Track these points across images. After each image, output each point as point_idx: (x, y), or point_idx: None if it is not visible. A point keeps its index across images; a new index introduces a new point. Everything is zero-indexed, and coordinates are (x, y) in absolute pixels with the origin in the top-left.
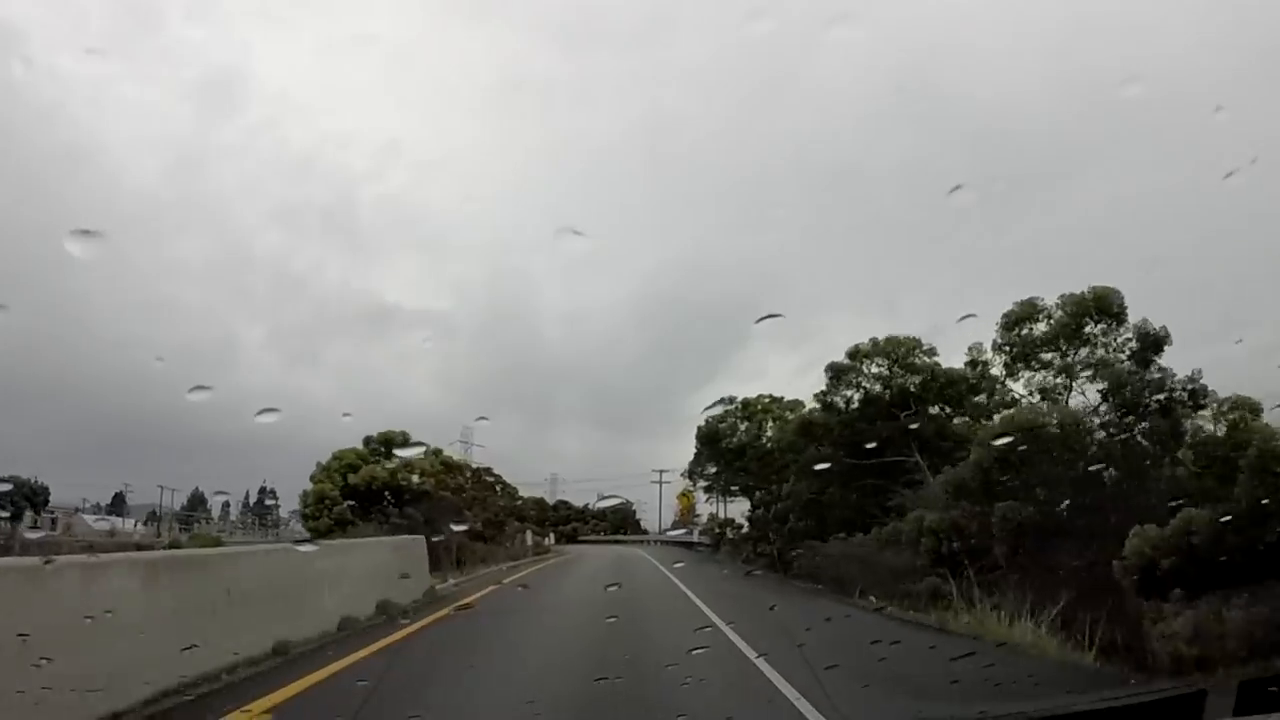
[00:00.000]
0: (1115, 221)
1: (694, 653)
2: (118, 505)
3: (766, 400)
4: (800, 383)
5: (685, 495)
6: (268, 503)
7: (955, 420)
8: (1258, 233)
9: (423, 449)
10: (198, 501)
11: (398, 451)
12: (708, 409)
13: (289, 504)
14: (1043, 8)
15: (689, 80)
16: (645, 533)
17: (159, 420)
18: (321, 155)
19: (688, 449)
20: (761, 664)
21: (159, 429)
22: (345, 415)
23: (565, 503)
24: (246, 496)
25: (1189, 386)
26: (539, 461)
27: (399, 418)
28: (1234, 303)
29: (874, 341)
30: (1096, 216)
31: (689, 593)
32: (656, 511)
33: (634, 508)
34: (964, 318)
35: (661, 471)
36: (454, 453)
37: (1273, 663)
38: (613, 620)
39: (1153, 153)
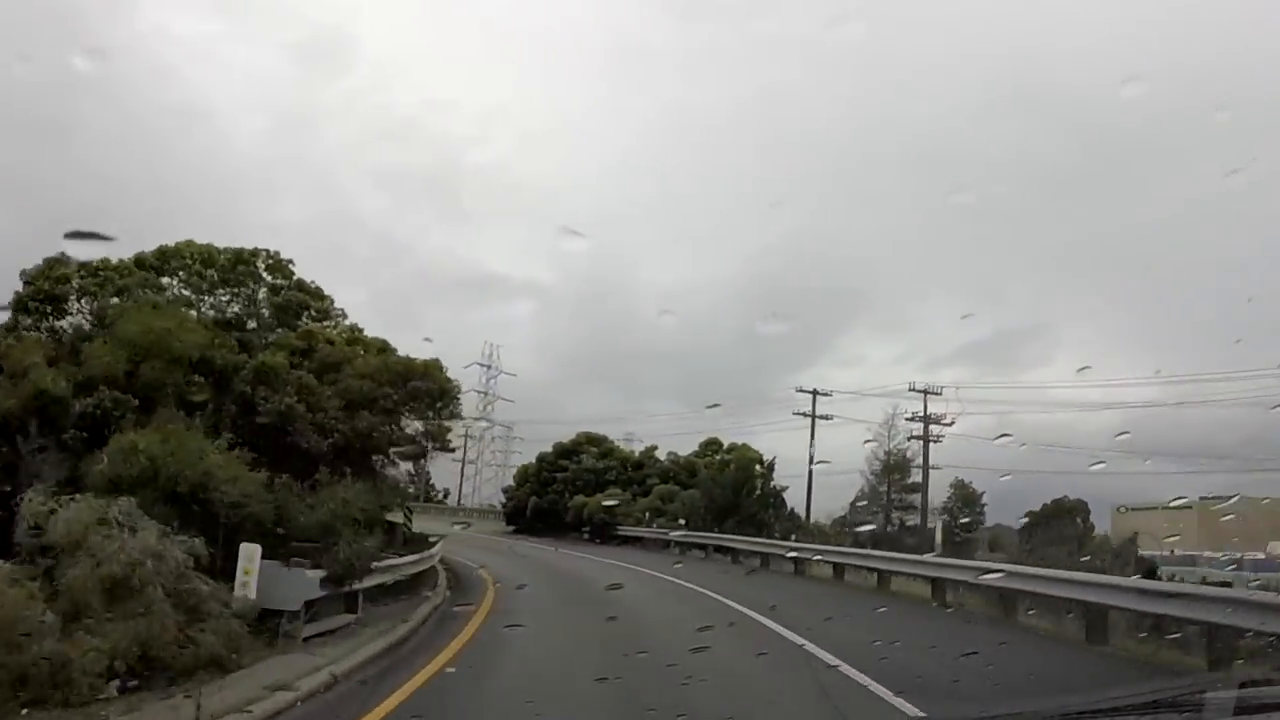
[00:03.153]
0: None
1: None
2: None
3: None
4: (899, 370)
5: None
6: None
7: None
8: None
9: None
10: None
11: None
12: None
13: None
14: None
15: (802, 57)
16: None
17: None
18: (425, 120)
19: (780, 433)
20: None
21: None
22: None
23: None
24: None
25: None
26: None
27: (508, 406)
28: None
29: None
30: (1203, 211)
31: None
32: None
33: None
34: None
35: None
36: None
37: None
38: None
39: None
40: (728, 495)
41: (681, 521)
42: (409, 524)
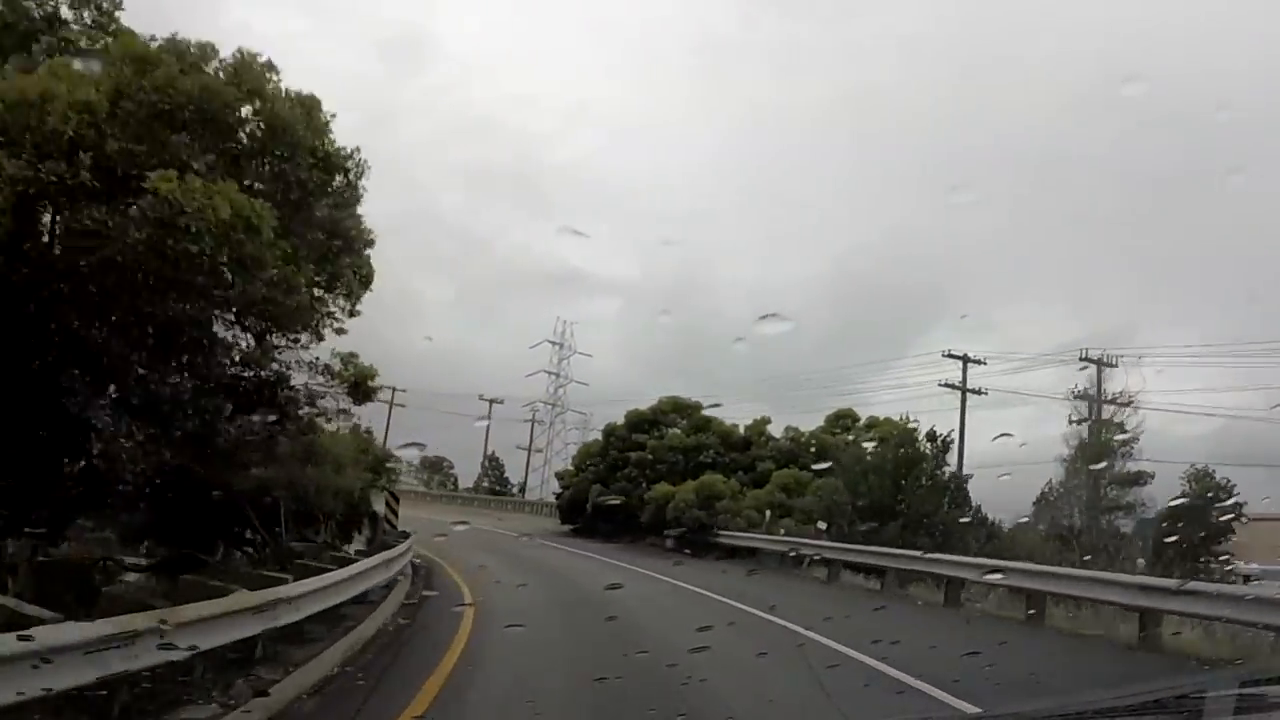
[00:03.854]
0: None
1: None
2: None
3: None
4: (985, 375)
5: None
6: None
7: None
8: None
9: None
10: None
11: None
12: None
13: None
14: None
15: (893, 56)
16: None
17: None
18: (506, 117)
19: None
20: None
21: None
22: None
23: None
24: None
25: None
26: None
27: (582, 391)
28: None
29: None
30: None
31: None
32: None
33: None
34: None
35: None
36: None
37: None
38: None
39: None
40: (885, 486)
41: (821, 525)
42: (394, 516)
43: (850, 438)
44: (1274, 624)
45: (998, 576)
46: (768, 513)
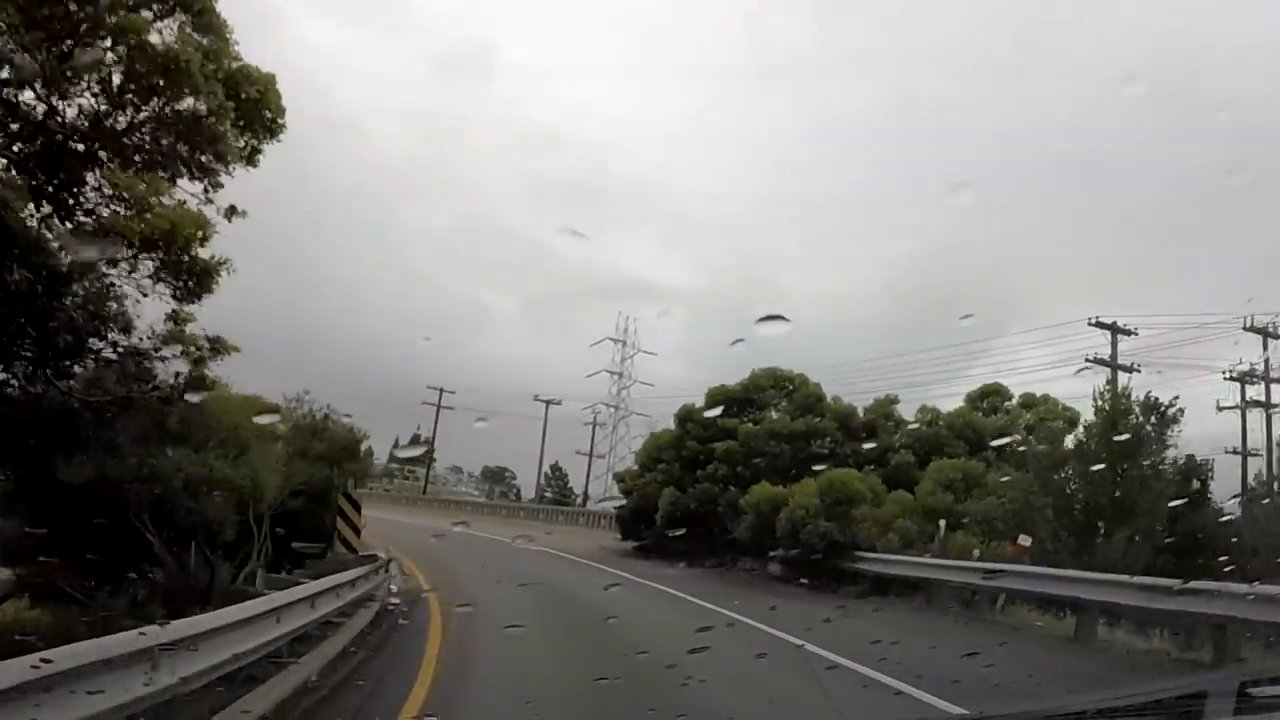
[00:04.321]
0: None
1: None
2: None
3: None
4: (1051, 377)
5: None
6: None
7: None
8: None
9: None
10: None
11: None
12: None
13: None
14: None
15: (940, 62)
16: None
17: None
18: (569, 128)
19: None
20: None
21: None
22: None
23: None
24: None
25: None
26: None
27: (646, 394)
28: None
29: None
30: None
31: None
32: None
33: None
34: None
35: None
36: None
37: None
38: None
39: None
40: (1104, 485)
41: (1024, 540)
42: (351, 531)
43: (1006, 419)
44: None
45: None
46: (942, 524)
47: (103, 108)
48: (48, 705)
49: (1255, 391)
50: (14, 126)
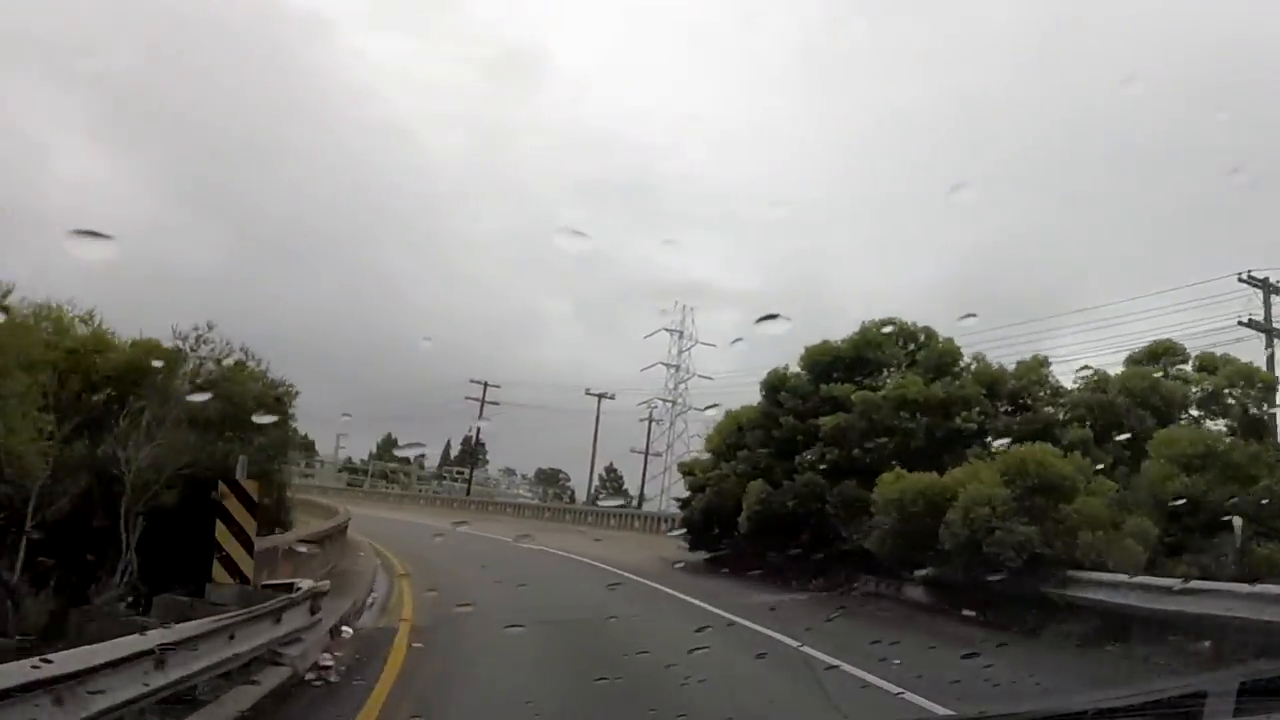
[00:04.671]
0: None
1: None
2: None
3: None
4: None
5: None
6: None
7: None
8: None
9: None
10: None
11: None
12: None
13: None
14: None
15: (997, 53)
16: None
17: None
18: (620, 130)
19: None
20: None
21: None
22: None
23: None
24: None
25: None
26: None
27: (705, 389)
28: None
29: None
30: None
31: None
32: None
33: None
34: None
35: None
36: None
37: (1274, 663)
38: None
39: None
40: None
41: None
42: (236, 548)
43: (1186, 384)
44: None
45: None
46: (1237, 524)
47: None
48: None
49: None
50: None
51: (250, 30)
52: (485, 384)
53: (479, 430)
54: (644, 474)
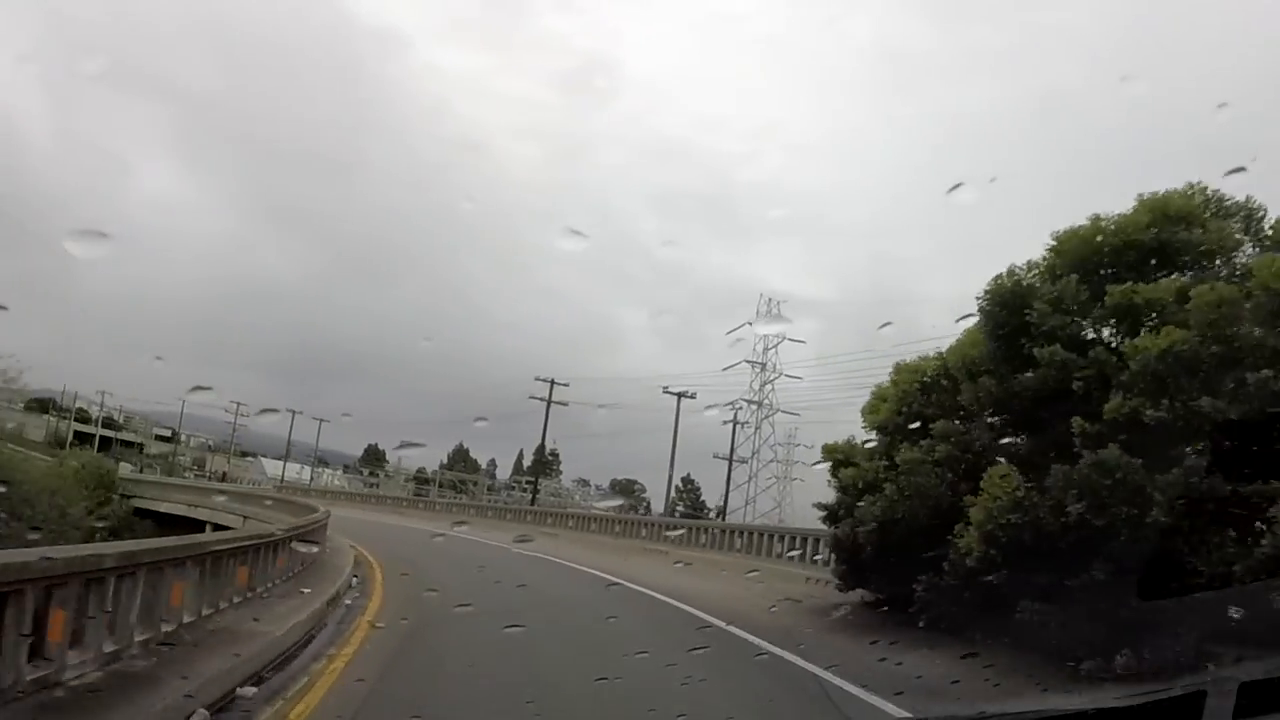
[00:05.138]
0: None
1: None
2: None
3: None
4: None
5: None
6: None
7: None
8: None
9: None
10: None
11: None
12: None
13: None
14: None
15: (1077, 53)
16: None
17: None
18: (695, 139)
19: None
20: None
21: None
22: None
23: None
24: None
25: None
26: None
27: (791, 391)
28: None
29: None
30: None
31: None
32: None
33: None
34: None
35: None
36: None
37: (1274, 663)
38: None
39: None
40: None
41: None
42: None
43: None
44: None
45: None
46: None
47: None
48: None
49: None
50: None
51: (327, 49)
52: (552, 381)
53: (544, 433)
54: (728, 483)
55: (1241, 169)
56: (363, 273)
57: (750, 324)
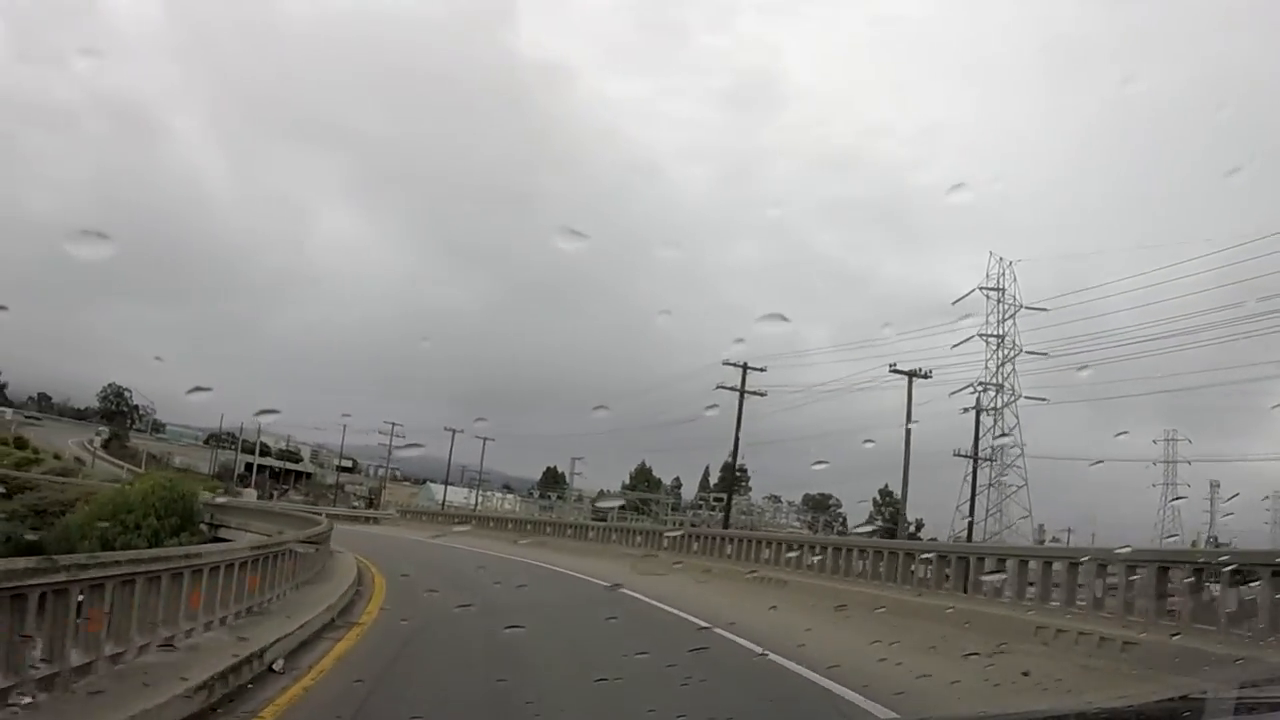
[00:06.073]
0: None
1: None
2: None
3: None
4: None
5: None
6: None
7: None
8: None
9: None
10: None
11: None
12: None
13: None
14: None
15: (1253, 19)
16: None
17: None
18: (865, 147)
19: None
20: None
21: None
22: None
23: None
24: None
25: None
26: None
27: (1033, 370)
28: None
29: None
30: None
31: None
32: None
33: None
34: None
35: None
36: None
37: (1275, 664)
38: None
39: None
40: None
41: None
42: None
43: None
44: None
45: None
46: None
47: None
48: None
49: None
50: None
51: (496, 86)
52: (744, 365)
53: (736, 440)
54: (973, 490)
55: None
56: (542, 299)
57: (982, 289)
